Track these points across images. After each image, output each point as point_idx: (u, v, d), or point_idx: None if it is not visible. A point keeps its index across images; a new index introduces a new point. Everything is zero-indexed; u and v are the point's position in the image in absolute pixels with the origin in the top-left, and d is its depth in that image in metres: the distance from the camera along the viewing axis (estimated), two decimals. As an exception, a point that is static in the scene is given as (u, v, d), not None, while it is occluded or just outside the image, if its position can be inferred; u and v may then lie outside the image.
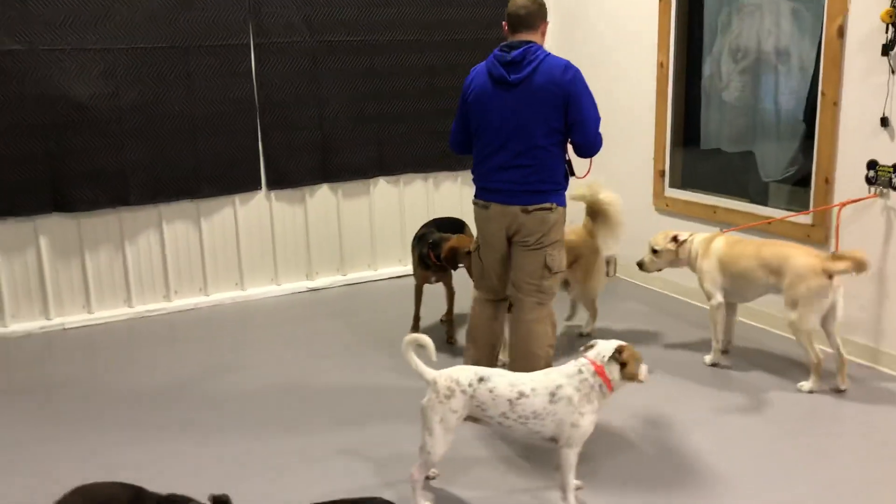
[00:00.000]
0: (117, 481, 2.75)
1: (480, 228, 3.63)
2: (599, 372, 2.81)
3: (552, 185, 3.43)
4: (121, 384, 4.18)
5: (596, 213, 4.46)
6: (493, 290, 3.69)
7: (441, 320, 4.84)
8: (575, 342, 4.40)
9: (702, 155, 5.24)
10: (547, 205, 3.41)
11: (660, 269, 4.30)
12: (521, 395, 2.80)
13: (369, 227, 5.94)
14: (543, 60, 3.32)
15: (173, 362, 4.46)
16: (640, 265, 4.30)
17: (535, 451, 3.26)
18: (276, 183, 5.54)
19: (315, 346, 4.65)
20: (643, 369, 2.90)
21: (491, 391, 2.81)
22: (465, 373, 2.86)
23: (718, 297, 4.06)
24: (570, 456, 2.83)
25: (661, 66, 5.25)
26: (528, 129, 3.35)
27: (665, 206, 5.38)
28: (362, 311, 5.26)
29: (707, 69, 5.09)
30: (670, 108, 5.25)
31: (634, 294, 5.49)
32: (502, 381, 2.84)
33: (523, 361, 3.45)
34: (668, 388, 3.91)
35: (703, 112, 5.18)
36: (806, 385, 3.82)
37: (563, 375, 2.84)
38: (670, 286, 5.39)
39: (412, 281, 4.73)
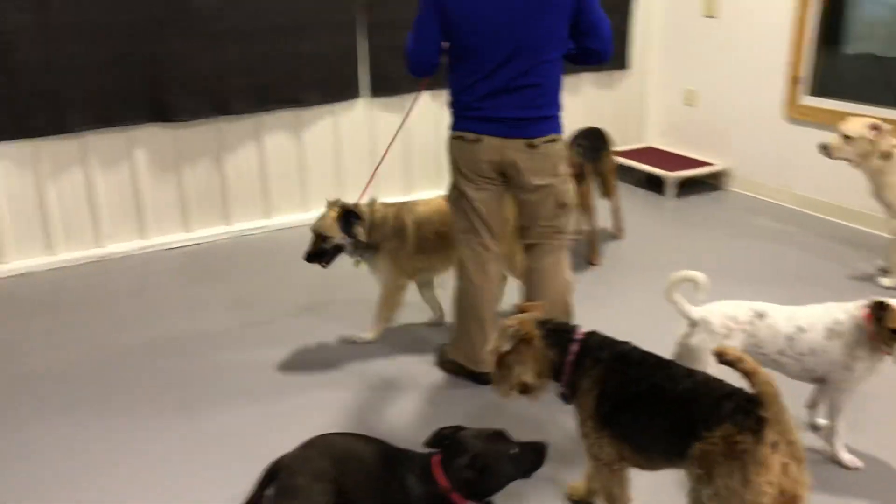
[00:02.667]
0: (357, 433, 2.45)
1: (467, 166, 2.90)
2: (866, 319, 2.43)
3: (558, 108, 2.87)
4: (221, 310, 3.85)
5: None
6: (486, 245, 3.02)
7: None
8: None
9: (848, 60, 4.84)
10: (553, 136, 2.86)
11: (843, 160, 3.80)
12: (800, 329, 2.51)
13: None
14: None
15: (286, 283, 4.12)
16: (825, 147, 3.82)
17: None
18: (379, 90, 5.07)
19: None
20: None
21: (770, 327, 2.51)
22: (740, 309, 2.54)
23: None
24: (841, 399, 2.55)
25: (806, -43, 4.78)
26: (536, 39, 2.71)
27: (800, 116, 5.01)
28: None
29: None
30: (814, 5, 4.81)
31: (755, 207, 5.18)
32: (780, 315, 2.53)
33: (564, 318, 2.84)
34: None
35: (854, 11, 4.75)
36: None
37: (841, 311, 2.52)
38: (790, 198, 5.10)
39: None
